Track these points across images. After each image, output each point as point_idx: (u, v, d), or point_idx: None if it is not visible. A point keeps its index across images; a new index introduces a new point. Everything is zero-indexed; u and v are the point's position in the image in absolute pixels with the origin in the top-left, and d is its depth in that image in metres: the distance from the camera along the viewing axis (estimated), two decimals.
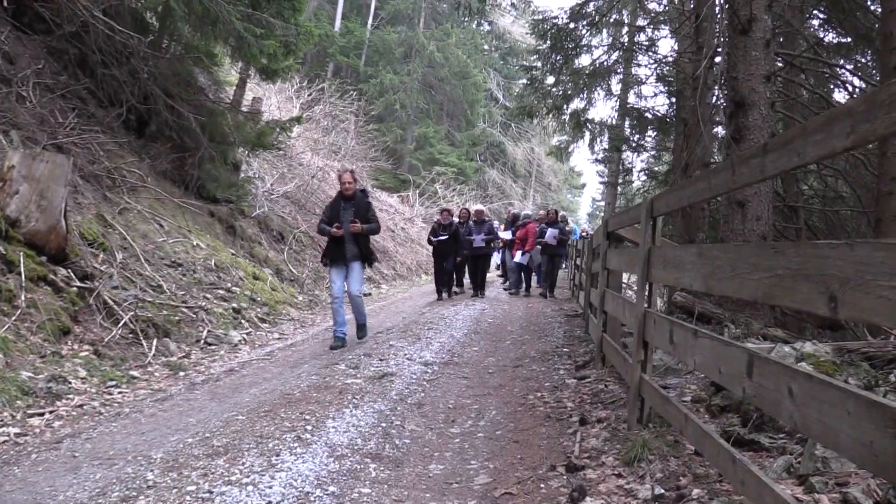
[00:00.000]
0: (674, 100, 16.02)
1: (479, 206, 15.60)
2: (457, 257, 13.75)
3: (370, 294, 14.35)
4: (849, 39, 11.51)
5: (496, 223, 19.01)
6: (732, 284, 2.58)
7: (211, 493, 3.32)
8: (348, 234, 7.78)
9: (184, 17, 9.40)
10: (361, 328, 8.33)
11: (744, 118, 7.42)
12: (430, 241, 13.79)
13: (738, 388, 2.48)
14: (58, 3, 9.56)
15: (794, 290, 2.04)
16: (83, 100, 9.72)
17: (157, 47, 10.75)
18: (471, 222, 14.33)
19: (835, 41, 12.03)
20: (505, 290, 16.29)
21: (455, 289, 14.65)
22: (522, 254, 14.65)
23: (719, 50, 10.02)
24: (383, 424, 4.71)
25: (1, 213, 6.02)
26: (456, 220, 14.11)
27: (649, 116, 17.15)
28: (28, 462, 3.88)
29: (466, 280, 15.29)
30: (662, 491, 3.16)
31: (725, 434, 3.52)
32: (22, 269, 5.85)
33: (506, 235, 16.44)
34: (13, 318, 5.47)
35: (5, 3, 9.19)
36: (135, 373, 6.04)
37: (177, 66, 11.22)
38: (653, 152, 19.47)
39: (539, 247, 14.46)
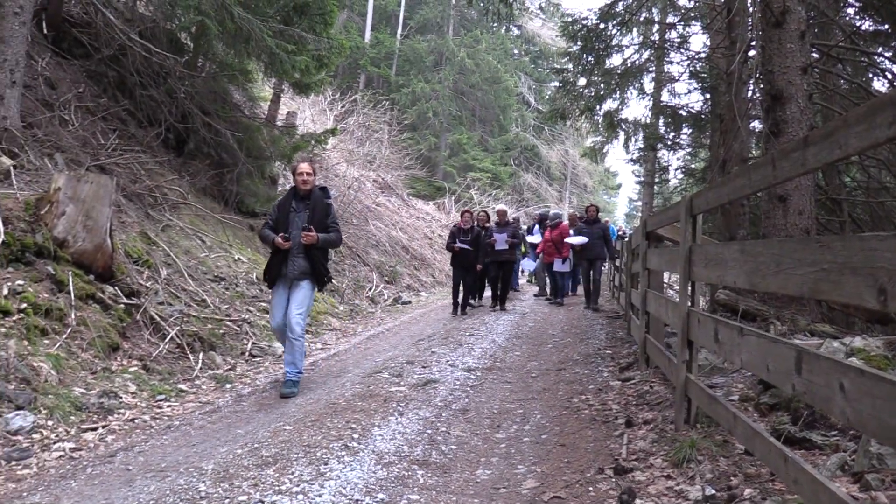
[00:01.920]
0: (708, 96, 15.83)
1: (502, 206, 14.03)
2: (477, 266, 12.00)
3: (410, 302, 14.40)
4: (886, 27, 11.25)
5: (524, 227, 18.53)
6: (777, 280, 2.56)
7: (262, 502, 3.37)
8: (297, 246, 6.09)
9: (217, 35, 9.59)
10: (289, 384, 6.01)
11: (781, 112, 7.31)
12: (449, 248, 12.04)
13: (787, 385, 2.45)
14: (95, 28, 9.87)
15: (842, 284, 2.02)
16: (123, 121, 9.98)
17: (193, 67, 11.00)
18: (492, 223, 12.89)
19: (871, 29, 11.77)
20: (536, 296, 15.11)
21: (471, 301, 12.86)
22: (564, 261, 13.21)
23: (753, 44, 9.88)
24: (429, 431, 4.74)
25: (49, 234, 6.20)
26: (477, 225, 12.39)
27: (684, 114, 16.96)
28: (84, 476, 3.99)
29: (487, 292, 13.75)
30: (713, 491, 3.13)
31: (776, 432, 3.47)
32: (71, 288, 6.02)
33: (534, 239, 15.43)
34: (64, 336, 5.63)
35: (45, 31, 9.50)
36: (183, 386, 6.16)
37: (212, 84, 11.46)
38: (689, 150, 19.23)
39: (574, 250, 13.07)
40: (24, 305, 5.48)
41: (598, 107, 15.28)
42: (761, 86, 8.46)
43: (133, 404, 5.43)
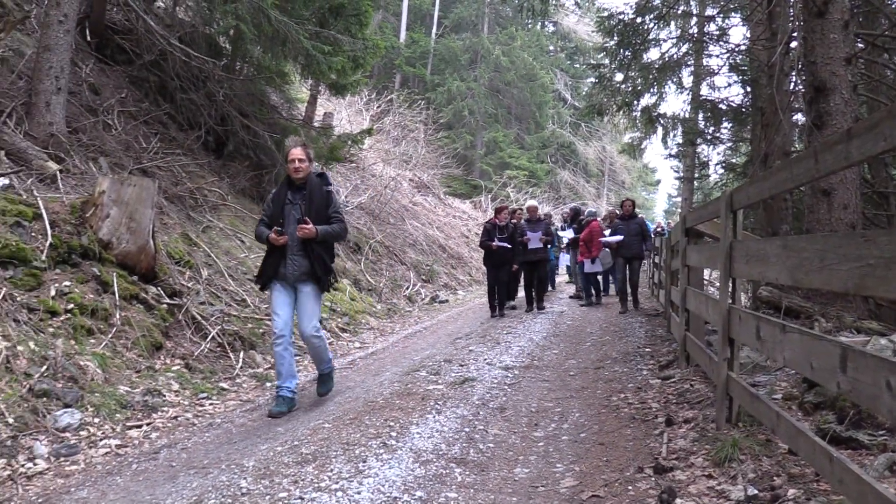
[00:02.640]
0: (749, 89, 15.56)
1: (533, 202, 13.08)
2: (513, 266, 11.46)
3: (447, 300, 14.40)
4: None
5: (558, 223, 18.20)
6: (821, 276, 2.50)
7: (302, 499, 3.41)
8: (295, 242, 5.41)
9: (254, 38, 9.72)
10: (324, 380, 5.87)
11: (825, 103, 7.14)
12: (484, 246, 11.32)
13: (831, 383, 2.40)
14: (137, 34, 10.08)
15: (889, 280, 1.97)
16: (164, 124, 10.17)
17: (231, 70, 11.16)
18: (523, 221, 12.14)
19: None
20: (571, 298, 14.32)
21: (508, 302, 12.25)
22: (593, 261, 12.37)
23: (794, 35, 9.68)
24: (466, 429, 4.74)
25: (94, 236, 6.35)
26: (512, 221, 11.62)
27: (724, 108, 16.68)
28: (129, 472, 4.08)
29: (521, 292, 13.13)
30: (756, 491, 3.07)
31: (821, 432, 3.40)
32: (115, 289, 6.15)
33: (567, 234, 14.85)
34: (109, 336, 5.76)
35: (88, 38, 9.73)
36: (224, 385, 6.27)
37: (250, 86, 11.62)
38: (729, 144, 18.91)
39: (607, 249, 12.14)
40: (71, 306, 5.63)
41: (635, 102, 15.13)
42: (803, 77, 8.28)
43: (176, 402, 5.55)
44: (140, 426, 4.98)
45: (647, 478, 3.60)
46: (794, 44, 9.85)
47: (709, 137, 17.63)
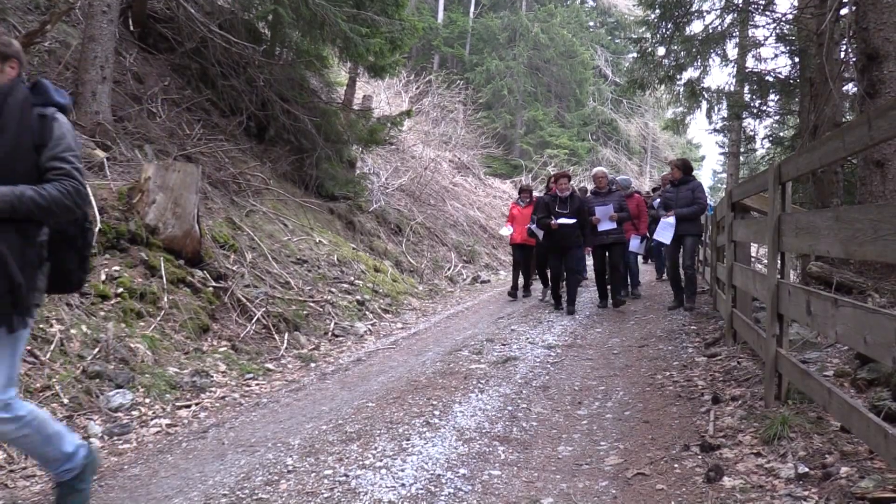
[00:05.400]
0: (796, 60, 15.10)
1: (601, 168, 10.46)
2: (585, 247, 9.26)
3: (489, 281, 14.37)
4: None
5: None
6: (875, 247, 2.42)
7: (347, 476, 3.45)
8: None
9: (293, 23, 9.76)
10: (64, 491, 2.96)
11: (878, 71, 6.89)
12: (542, 224, 9.02)
13: (887, 358, 2.32)
14: (178, 23, 10.21)
15: None
16: (206, 111, 10.30)
17: (271, 55, 11.24)
18: (589, 194, 10.24)
19: None
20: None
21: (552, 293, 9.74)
22: (641, 240, 10.76)
23: (845, 1, 9.34)
24: (509, 408, 4.74)
25: (141, 221, 6.47)
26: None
27: (770, 79, 16.21)
28: (179, 450, 4.17)
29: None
30: (807, 469, 3.01)
31: (875, 409, 3.31)
32: (163, 273, 6.28)
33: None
34: (158, 319, 5.89)
35: (131, 28, 9.89)
36: (269, 365, 6.35)
37: (290, 71, 11.68)
38: (776, 117, 18.40)
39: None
40: (121, 290, 5.77)
41: (678, 76, 14.80)
42: (855, 45, 8.00)
43: (223, 383, 5.64)
44: (189, 406, 5.08)
45: (694, 456, 3.55)
46: (844, 10, 9.52)
47: (755, 111, 17.18)
